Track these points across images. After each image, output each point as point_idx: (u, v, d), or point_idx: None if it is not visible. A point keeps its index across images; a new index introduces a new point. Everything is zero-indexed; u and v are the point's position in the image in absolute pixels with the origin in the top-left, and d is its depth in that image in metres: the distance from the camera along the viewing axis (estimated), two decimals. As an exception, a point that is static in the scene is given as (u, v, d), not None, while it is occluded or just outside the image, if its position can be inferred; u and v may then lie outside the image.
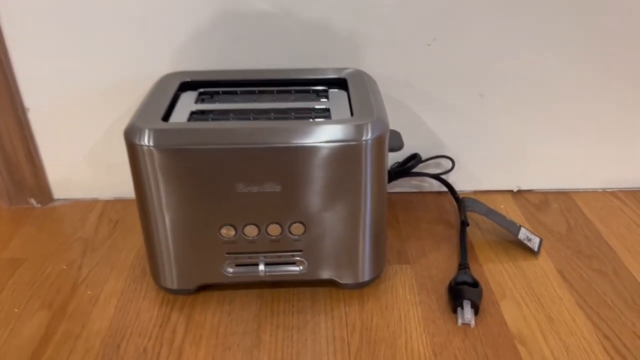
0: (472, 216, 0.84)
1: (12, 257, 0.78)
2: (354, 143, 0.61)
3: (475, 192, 0.92)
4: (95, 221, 0.87)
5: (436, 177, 0.87)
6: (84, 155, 0.88)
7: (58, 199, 0.92)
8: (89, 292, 0.72)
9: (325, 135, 0.61)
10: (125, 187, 0.91)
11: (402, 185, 0.92)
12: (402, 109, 0.85)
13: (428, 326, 0.66)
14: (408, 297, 0.70)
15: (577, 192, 0.92)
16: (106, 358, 0.62)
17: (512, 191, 0.93)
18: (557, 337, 0.64)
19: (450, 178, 0.90)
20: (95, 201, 0.92)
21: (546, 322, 0.66)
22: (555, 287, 0.72)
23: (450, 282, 0.70)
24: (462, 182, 0.91)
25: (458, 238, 0.81)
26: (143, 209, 0.65)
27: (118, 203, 0.91)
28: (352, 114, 0.65)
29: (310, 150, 0.61)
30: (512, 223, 0.80)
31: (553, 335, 0.64)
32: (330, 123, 0.63)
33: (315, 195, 0.64)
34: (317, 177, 0.62)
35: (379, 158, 0.64)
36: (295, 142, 0.61)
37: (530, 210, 0.88)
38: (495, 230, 0.83)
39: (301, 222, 0.65)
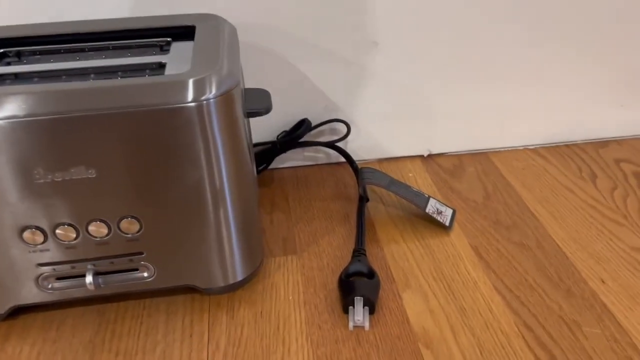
0: (374, 189, 0.71)
1: None
2: (192, 104, 0.45)
3: (380, 160, 0.79)
4: None
5: (330, 145, 0.73)
6: None
7: None
8: None
9: (150, 95, 0.45)
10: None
11: (293, 159, 0.77)
12: (280, 65, 0.70)
13: (312, 334, 0.52)
14: (290, 297, 0.56)
15: (496, 152, 0.80)
16: None
17: (422, 156, 0.79)
18: (470, 333, 0.51)
19: (349, 146, 0.76)
20: None
21: (457, 315, 0.53)
22: (469, 268, 0.59)
23: (341, 275, 0.56)
24: (363, 150, 0.77)
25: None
26: None
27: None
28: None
29: (131, 118, 0.45)
30: (419, 195, 0.67)
31: (465, 331, 0.52)
32: (157, 79, 0.47)
33: (145, 178, 0.48)
34: (145, 154, 0.46)
35: (231, 123, 0.48)
36: (107, 107, 0.44)
37: (442, 176, 0.75)
38: (401, 204, 0.69)
39: (133, 217, 0.49)
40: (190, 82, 0.46)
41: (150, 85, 0.46)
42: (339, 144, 0.73)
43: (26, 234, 0.48)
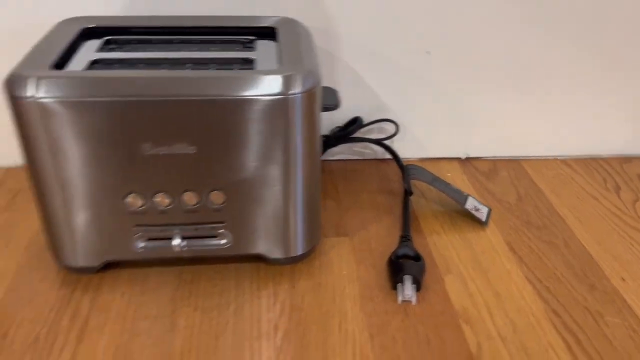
0: (417, 185, 0.78)
1: None
2: (281, 97, 0.53)
3: (421, 159, 0.86)
4: (-8, 191, 0.75)
5: (378, 142, 0.80)
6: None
7: (-51, 166, 0.80)
8: (-24, 273, 0.62)
9: (247, 87, 0.52)
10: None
11: (343, 152, 0.84)
12: (342, 67, 0.77)
13: (365, 305, 0.59)
14: (344, 272, 0.63)
15: (528, 160, 0.87)
16: (-13, 350, 0.53)
17: (459, 158, 0.87)
18: (504, 315, 0.58)
19: (395, 144, 0.83)
20: (-5, 169, 0.80)
21: (493, 299, 0.60)
22: (503, 260, 0.66)
23: (390, 256, 0.63)
24: (406, 148, 0.84)
25: (401, 209, 0.74)
26: (34, 174, 0.55)
27: (20, 172, 0.80)
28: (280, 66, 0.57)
29: (229, 105, 0.52)
30: (459, 192, 0.74)
31: (500, 312, 0.59)
32: (253, 73, 0.54)
33: (236, 157, 0.55)
34: (238, 137, 0.54)
35: (310, 116, 0.56)
36: (211, 94, 0.52)
37: (478, 178, 0.82)
38: (441, 200, 0.76)
39: (221, 190, 0.57)
40: (282, 77, 0.53)
41: (248, 78, 0.53)
42: (387, 142, 0.80)
43: (129, 198, 0.56)
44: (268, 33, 0.65)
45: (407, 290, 0.59)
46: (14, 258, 0.64)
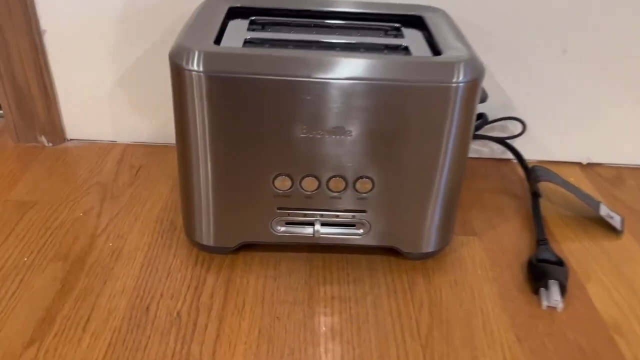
0: (542, 187, 0.75)
1: (20, 200, 0.68)
2: (443, 85, 0.51)
3: (540, 161, 0.83)
4: (113, 166, 0.76)
5: (502, 141, 0.77)
6: (104, 91, 0.77)
7: (71, 139, 0.81)
8: (110, 244, 0.62)
9: (417, 73, 0.51)
10: (148, 131, 0.81)
11: (461, 149, 0.82)
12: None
13: (506, 306, 0.57)
14: (479, 272, 0.61)
15: (653, 170, 0.82)
16: (134, 321, 0.53)
17: (580, 163, 0.83)
18: (658, 329, 0.55)
19: (515, 144, 0.80)
20: (112, 144, 0.81)
21: (643, 311, 0.57)
22: (645, 271, 0.63)
23: (531, 259, 0.61)
24: (525, 149, 0.81)
25: (527, 210, 0.72)
26: (184, 147, 0.55)
27: (139, 148, 0.80)
28: (435, 54, 0.55)
29: (393, 90, 0.51)
30: (591, 197, 0.71)
31: (653, 326, 0.56)
32: (420, 59, 0.53)
33: (391, 145, 0.54)
34: (396, 124, 0.52)
35: (469, 108, 0.54)
36: (381, 77, 0.50)
37: (603, 185, 0.78)
38: (568, 204, 0.73)
39: (369, 178, 0.55)
40: (461, 65, 0.51)
41: (420, 64, 0.51)
42: (509, 141, 0.77)
43: (278, 180, 0.55)
44: (413, 21, 0.64)
45: (555, 295, 0.56)
46: (145, 233, 0.64)
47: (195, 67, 0.50)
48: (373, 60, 0.51)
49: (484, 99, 0.60)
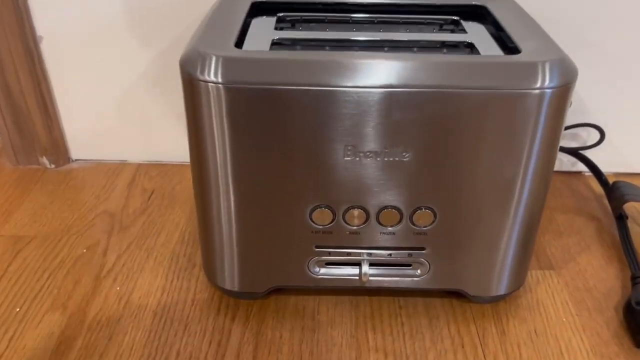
0: (626, 208, 0.63)
1: (15, 235, 0.59)
2: (525, 91, 0.40)
3: (617, 174, 0.70)
4: (124, 190, 0.67)
5: (575, 152, 0.66)
6: (111, 104, 0.68)
7: (77, 160, 0.72)
8: (118, 289, 0.52)
9: (486, 76, 0.40)
10: (163, 148, 0.71)
11: (524, 162, 0.70)
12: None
13: (605, 366, 0.46)
14: (564, 319, 0.50)
15: None
16: (143, 393, 0.43)
17: (663, 176, 0.71)
18: None
19: (588, 155, 0.68)
20: (123, 164, 0.71)
21: None
22: None
23: (629, 302, 0.49)
24: (600, 160, 0.69)
25: (611, 236, 0.60)
26: (200, 173, 0.45)
27: (153, 168, 0.71)
28: (508, 52, 0.44)
29: (462, 100, 0.40)
30: (690, 219, 0.59)
31: None
32: (492, 59, 0.42)
33: (456, 169, 0.43)
34: (463, 142, 0.41)
35: (557, 119, 0.42)
36: (444, 84, 0.39)
37: (697, 202, 0.66)
38: (659, 228, 0.61)
39: (430, 209, 0.44)
40: (547, 66, 0.40)
41: (494, 66, 0.40)
42: (583, 152, 0.66)
43: (316, 213, 0.45)
44: (474, 12, 0.53)
45: (669, 352, 0.45)
46: (159, 273, 0.54)
47: (212, 77, 0.40)
48: (432, 62, 0.40)
49: (569, 105, 0.49)
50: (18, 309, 0.50)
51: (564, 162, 0.70)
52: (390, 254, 0.47)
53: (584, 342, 0.48)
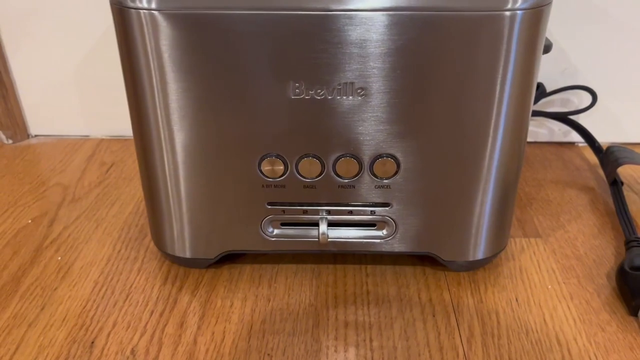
0: (622, 173, 0.58)
1: (-41, 206, 0.55)
2: (492, 13, 0.35)
3: (612, 143, 0.65)
4: (81, 164, 0.62)
5: (563, 118, 0.61)
6: (71, 75, 0.64)
7: (36, 135, 0.68)
8: (59, 258, 0.48)
9: None
10: (128, 122, 0.67)
11: (511, 131, 0.65)
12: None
13: (594, 335, 0.40)
14: (549, 286, 0.45)
15: None
16: (68, 363, 0.38)
17: (663, 146, 0.65)
18: None
19: (581, 121, 0.63)
20: (84, 139, 0.67)
21: None
22: None
23: (622, 267, 0.44)
24: (594, 127, 0.64)
25: (605, 204, 0.55)
26: (140, 125, 0.41)
27: (115, 142, 0.67)
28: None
29: (425, 24, 0.35)
30: (691, 184, 0.54)
31: None
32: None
33: (420, 108, 0.38)
34: (428, 75, 0.37)
35: (531, 47, 0.38)
36: (406, 6, 0.35)
37: (700, 170, 0.61)
38: (658, 196, 0.56)
39: (392, 157, 0.40)
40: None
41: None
42: (574, 117, 0.61)
43: (265, 164, 0.40)
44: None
45: (666, 317, 0.39)
46: (106, 243, 0.50)
47: (144, 3, 0.36)
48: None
49: (547, 48, 0.44)
50: (-52, 280, 0.46)
51: (555, 131, 0.65)
52: (351, 211, 0.42)
53: (570, 310, 0.42)
